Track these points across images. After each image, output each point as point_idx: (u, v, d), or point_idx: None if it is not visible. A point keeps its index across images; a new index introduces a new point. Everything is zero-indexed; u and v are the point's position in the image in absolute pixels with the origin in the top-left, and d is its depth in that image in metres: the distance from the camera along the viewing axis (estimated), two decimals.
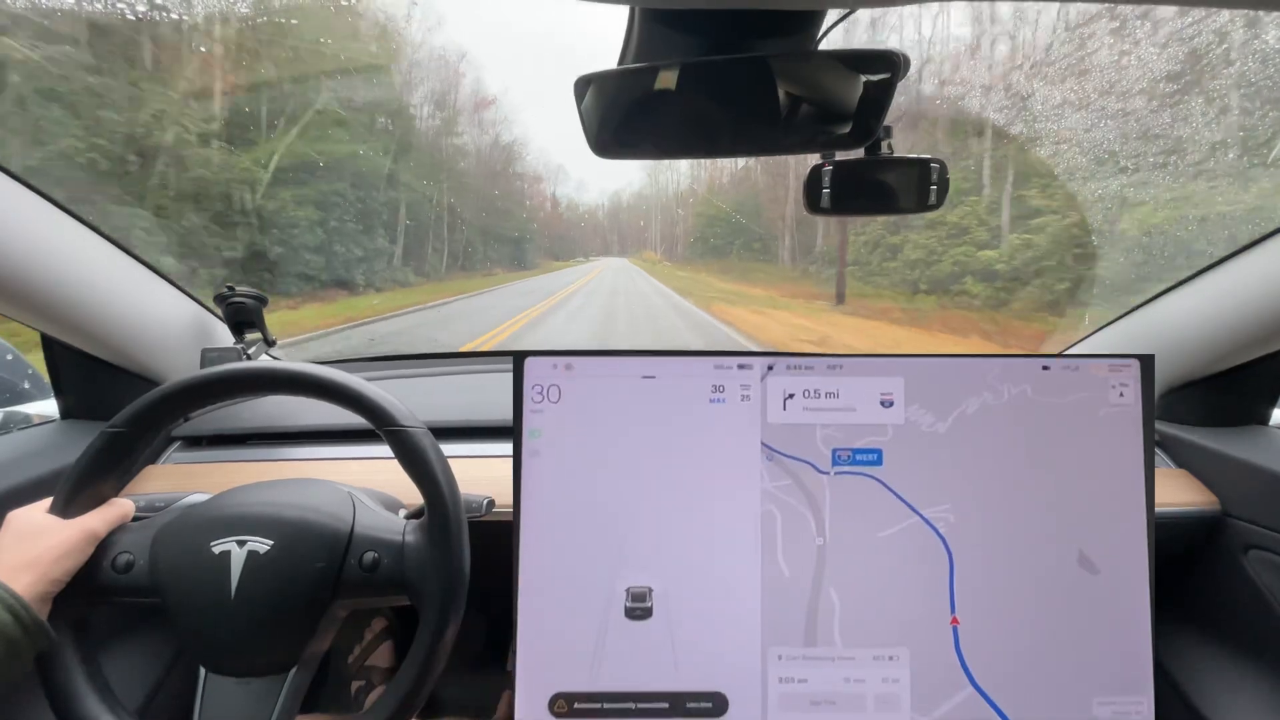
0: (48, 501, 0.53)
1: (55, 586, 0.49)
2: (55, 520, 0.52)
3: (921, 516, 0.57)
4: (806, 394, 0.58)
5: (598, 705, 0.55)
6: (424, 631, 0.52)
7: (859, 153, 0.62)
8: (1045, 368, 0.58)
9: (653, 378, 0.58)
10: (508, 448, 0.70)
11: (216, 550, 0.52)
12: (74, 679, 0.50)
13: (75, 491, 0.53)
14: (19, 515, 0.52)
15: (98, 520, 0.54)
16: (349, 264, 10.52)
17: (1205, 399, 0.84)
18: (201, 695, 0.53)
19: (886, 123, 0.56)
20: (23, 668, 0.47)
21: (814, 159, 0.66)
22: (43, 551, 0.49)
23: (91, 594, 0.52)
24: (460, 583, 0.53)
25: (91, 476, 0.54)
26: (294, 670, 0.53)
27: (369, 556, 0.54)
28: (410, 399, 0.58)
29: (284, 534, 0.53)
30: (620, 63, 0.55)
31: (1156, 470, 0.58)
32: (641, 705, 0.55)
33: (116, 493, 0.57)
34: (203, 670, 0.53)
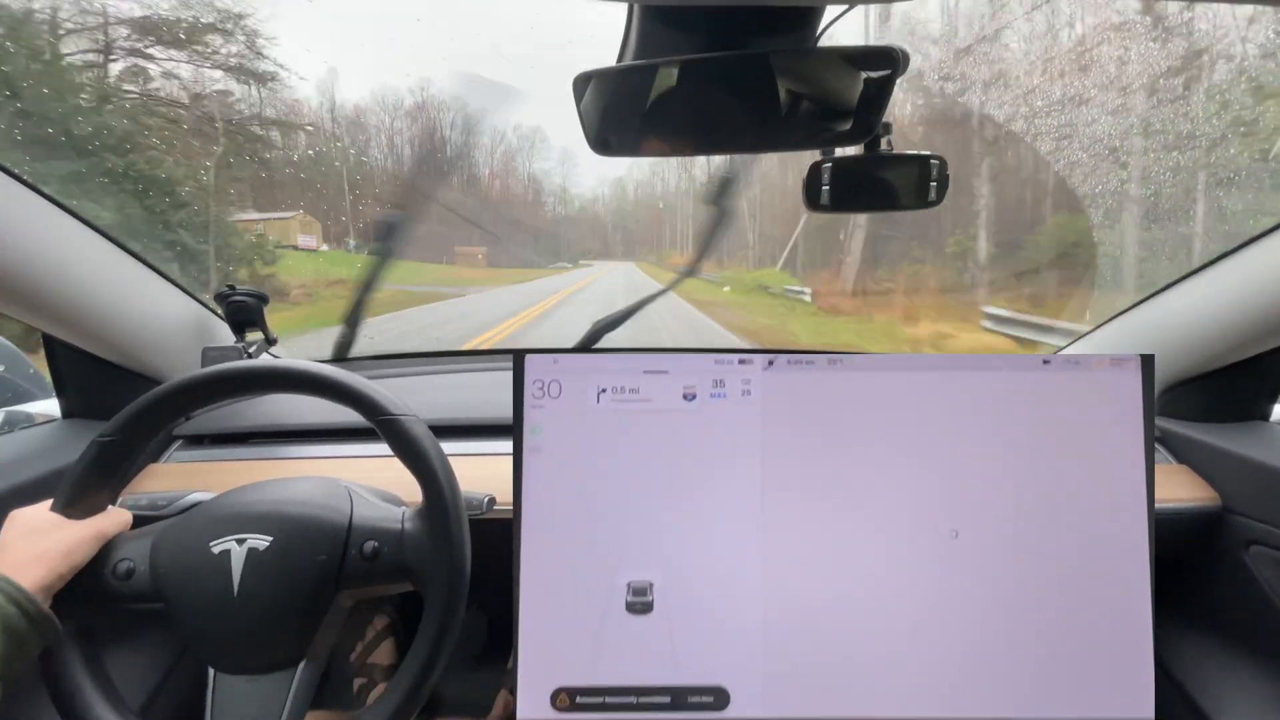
0: (50, 502, 0.54)
1: (61, 582, 0.50)
2: (61, 518, 0.52)
3: (923, 513, 0.57)
4: (807, 390, 0.58)
5: (600, 699, 0.55)
6: (428, 618, 0.52)
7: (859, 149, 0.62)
8: (1046, 362, 0.58)
9: (653, 373, 0.58)
10: (508, 445, 0.70)
11: (216, 550, 0.52)
12: (78, 680, 0.50)
13: (72, 499, 0.53)
14: (23, 513, 0.52)
15: (106, 522, 0.54)
16: None
17: (1206, 394, 0.84)
18: (212, 695, 0.53)
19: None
20: (29, 662, 0.47)
21: (814, 156, 0.66)
22: (51, 546, 0.50)
23: (94, 602, 0.52)
24: (462, 565, 0.53)
25: (87, 484, 0.54)
26: (303, 665, 0.53)
27: (369, 546, 0.54)
28: (410, 397, 0.58)
29: (283, 529, 0.53)
30: (619, 60, 0.55)
31: (1156, 466, 0.58)
32: (643, 699, 0.55)
33: (115, 499, 0.57)
34: (212, 670, 0.54)
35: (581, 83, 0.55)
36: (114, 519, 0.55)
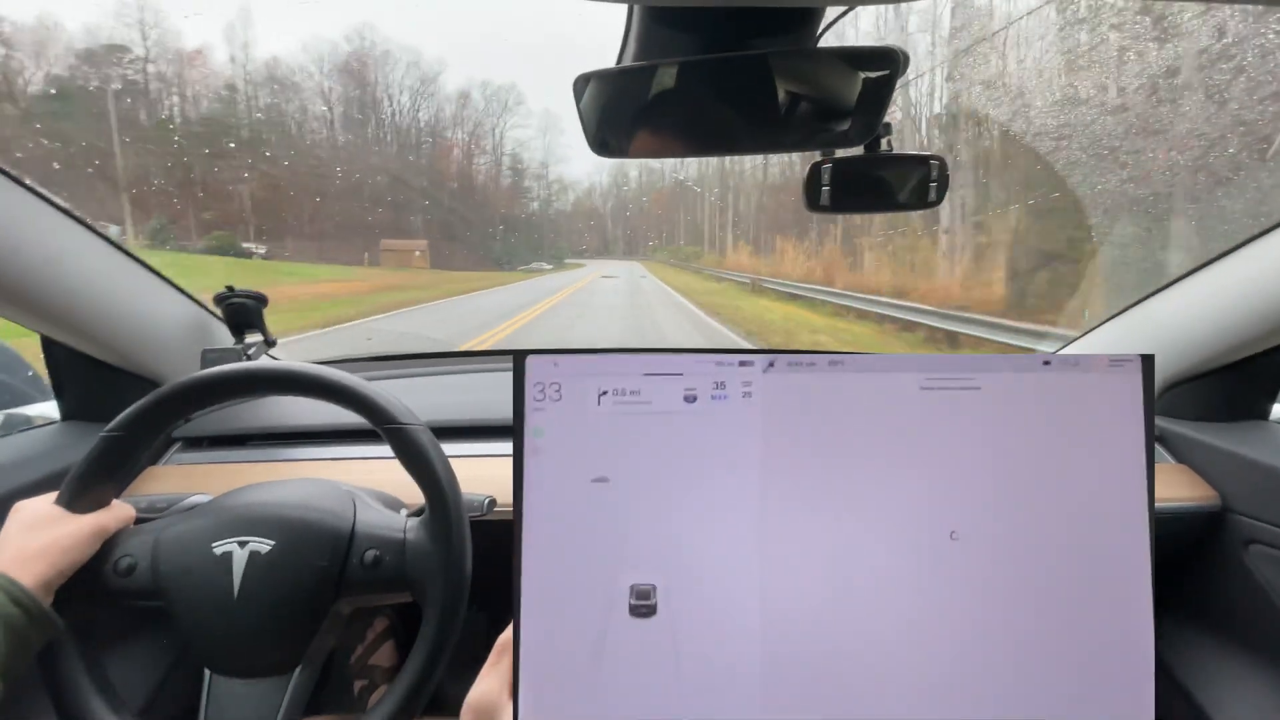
0: (54, 494, 0.54)
1: (61, 578, 0.50)
2: (64, 512, 0.52)
3: (922, 514, 0.57)
4: (807, 391, 0.58)
5: None
6: (427, 628, 0.52)
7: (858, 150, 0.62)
8: (1046, 363, 0.58)
9: (654, 375, 0.58)
10: (507, 446, 0.70)
11: (218, 551, 0.52)
12: (77, 679, 0.50)
13: (77, 494, 0.53)
14: (27, 505, 0.52)
15: (108, 517, 0.54)
16: None
17: (1205, 394, 0.85)
18: (207, 695, 0.53)
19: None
20: (29, 659, 0.47)
21: (814, 156, 0.66)
22: (54, 540, 0.50)
23: (95, 597, 0.52)
24: (462, 578, 0.53)
25: (92, 479, 0.54)
26: (299, 669, 0.53)
27: (371, 554, 0.54)
28: (410, 398, 0.58)
29: (285, 534, 0.53)
30: (619, 61, 0.55)
31: (1156, 465, 0.58)
32: None
33: (118, 494, 0.57)
34: (208, 671, 0.54)
35: (581, 83, 0.54)
36: (116, 514, 0.55)
